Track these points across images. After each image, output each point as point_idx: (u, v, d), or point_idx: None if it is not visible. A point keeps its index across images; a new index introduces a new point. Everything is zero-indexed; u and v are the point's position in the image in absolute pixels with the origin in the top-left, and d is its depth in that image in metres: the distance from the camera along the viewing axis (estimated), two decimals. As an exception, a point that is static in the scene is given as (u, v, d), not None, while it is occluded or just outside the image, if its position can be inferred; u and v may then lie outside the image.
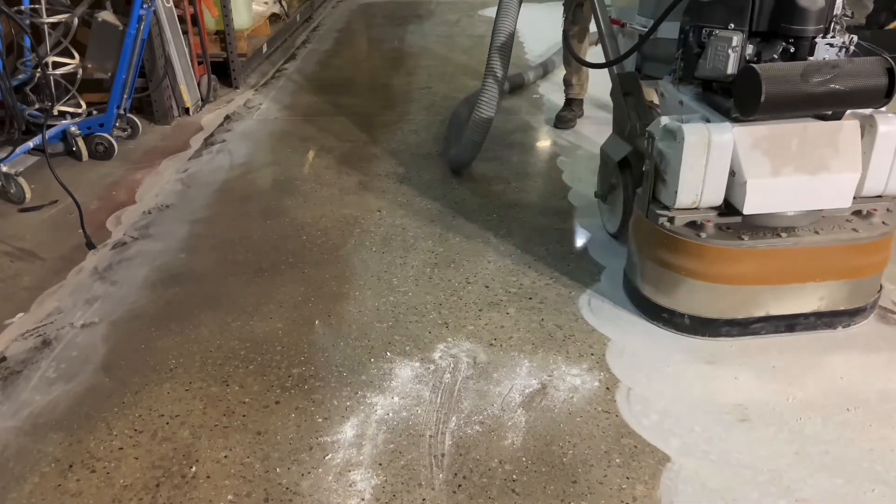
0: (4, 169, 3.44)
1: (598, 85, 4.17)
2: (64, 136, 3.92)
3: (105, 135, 3.96)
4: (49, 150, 3.48)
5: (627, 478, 1.87)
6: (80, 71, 3.95)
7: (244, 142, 4.30)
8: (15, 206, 3.43)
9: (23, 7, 3.75)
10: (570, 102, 4.41)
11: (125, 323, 2.54)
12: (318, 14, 8.32)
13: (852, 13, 2.34)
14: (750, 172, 2.18)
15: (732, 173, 2.22)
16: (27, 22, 3.71)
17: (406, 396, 2.16)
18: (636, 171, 2.66)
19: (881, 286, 2.47)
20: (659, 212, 2.32)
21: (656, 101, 3.02)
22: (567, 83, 4.38)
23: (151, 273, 2.85)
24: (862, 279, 2.36)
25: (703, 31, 2.36)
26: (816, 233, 2.29)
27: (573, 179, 3.63)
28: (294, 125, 4.59)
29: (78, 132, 3.91)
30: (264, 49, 6.10)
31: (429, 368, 2.28)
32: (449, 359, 2.32)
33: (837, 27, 2.27)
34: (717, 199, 2.27)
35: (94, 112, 4.06)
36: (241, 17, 5.59)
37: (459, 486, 1.85)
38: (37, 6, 3.75)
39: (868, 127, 2.25)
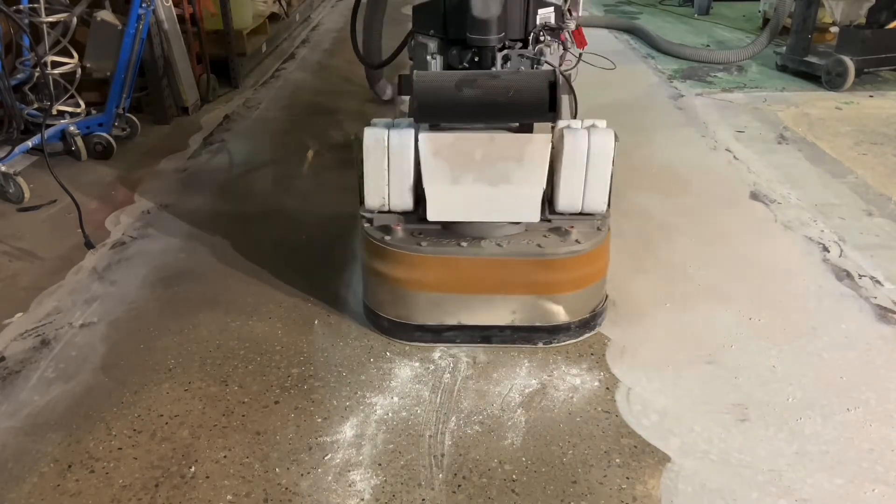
0: (3, 168, 3.43)
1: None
2: (63, 135, 3.91)
3: (104, 134, 3.96)
4: (48, 150, 3.48)
5: (627, 478, 1.86)
6: (79, 70, 3.94)
7: (244, 141, 4.29)
8: (14, 205, 3.43)
9: (21, 6, 3.74)
10: None
11: (124, 323, 2.53)
12: (316, 14, 8.32)
13: (560, 25, 2.34)
14: (429, 179, 2.18)
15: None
16: (26, 21, 3.71)
17: (406, 396, 2.16)
18: None
19: (597, 307, 2.42)
20: (361, 213, 2.35)
21: None
22: None
23: (150, 273, 2.85)
24: (555, 295, 2.31)
25: (414, 36, 2.42)
26: (499, 245, 2.25)
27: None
28: (293, 124, 4.59)
29: (77, 131, 3.90)
30: (264, 48, 6.10)
31: (428, 368, 2.28)
32: (449, 358, 2.32)
33: (544, 37, 2.27)
34: (406, 203, 2.28)
35: (93, 111, 4.06)
36: (241, 17, 5.58)
37: (459, 486, 1.84)
38: (35, 5, 3.75)
39: (558, 141, 2.21)
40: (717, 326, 2.46)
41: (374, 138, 2.20)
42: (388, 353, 2.35)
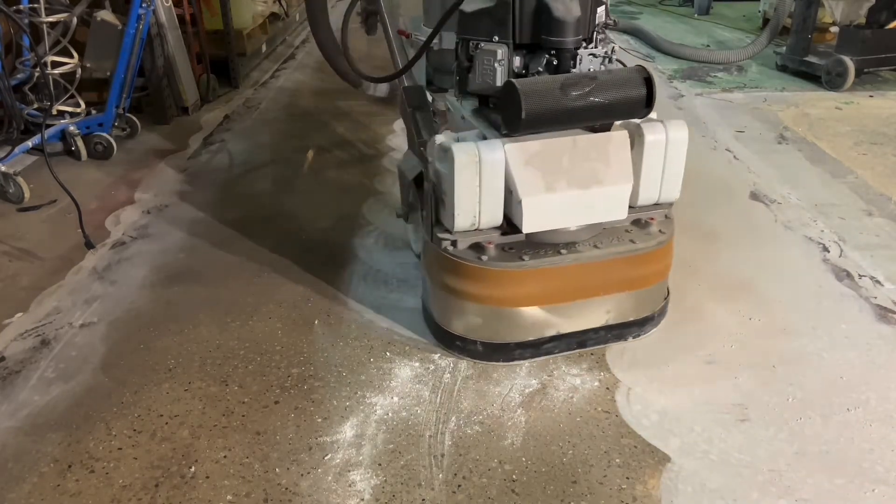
0: (3, 168, 3.43)
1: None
2: (63, 135, 3.91)
3: (104, 134, 3.96)
4: (48, 150, 3.48)
5: (627, 478, 1.86)
6: (79, 70, 3.95)
7: (243, 141, 4.29)
8: (14, 205, 3.43)
9: (22, 6, 3.74)
10: None
11: (124, 323, 2.53)
12: (317, 13, 8.32)
13: (615, 20, 2.26)
14: (524, 190, 2.10)
15: (510, 191, 2.13)
16: (26, 21, 3.71)
17: (406, 396, 2.16)
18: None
19: (668, 293, 2.49)
20: (441, 235, 2.21)
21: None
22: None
23: (150, 273, 2.85)
24: (645, 289, 2.35)
25: (471, 43, 2.22)
26: (596, 247, 2.24)
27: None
28: (293, 124, 4.59)
29: (77, 131, 3.90)
30: (264, 48, 6.10)
31: (428, 368, 2.28)
32: (449, 358, 2.32)
33: (600, 36, 2.19)
34: (496, 218, 2.18)
35: (93, 111, 4.06)
36: (241, 17, 5.59)
37: (459, 486, 1.84)
38: (36, 5, 3.75)
39: (637, 136, 2.23)
40: (717, 326, 2.47)
41: (468, 155, 2.05)
42: (388, 353, 2.35)
